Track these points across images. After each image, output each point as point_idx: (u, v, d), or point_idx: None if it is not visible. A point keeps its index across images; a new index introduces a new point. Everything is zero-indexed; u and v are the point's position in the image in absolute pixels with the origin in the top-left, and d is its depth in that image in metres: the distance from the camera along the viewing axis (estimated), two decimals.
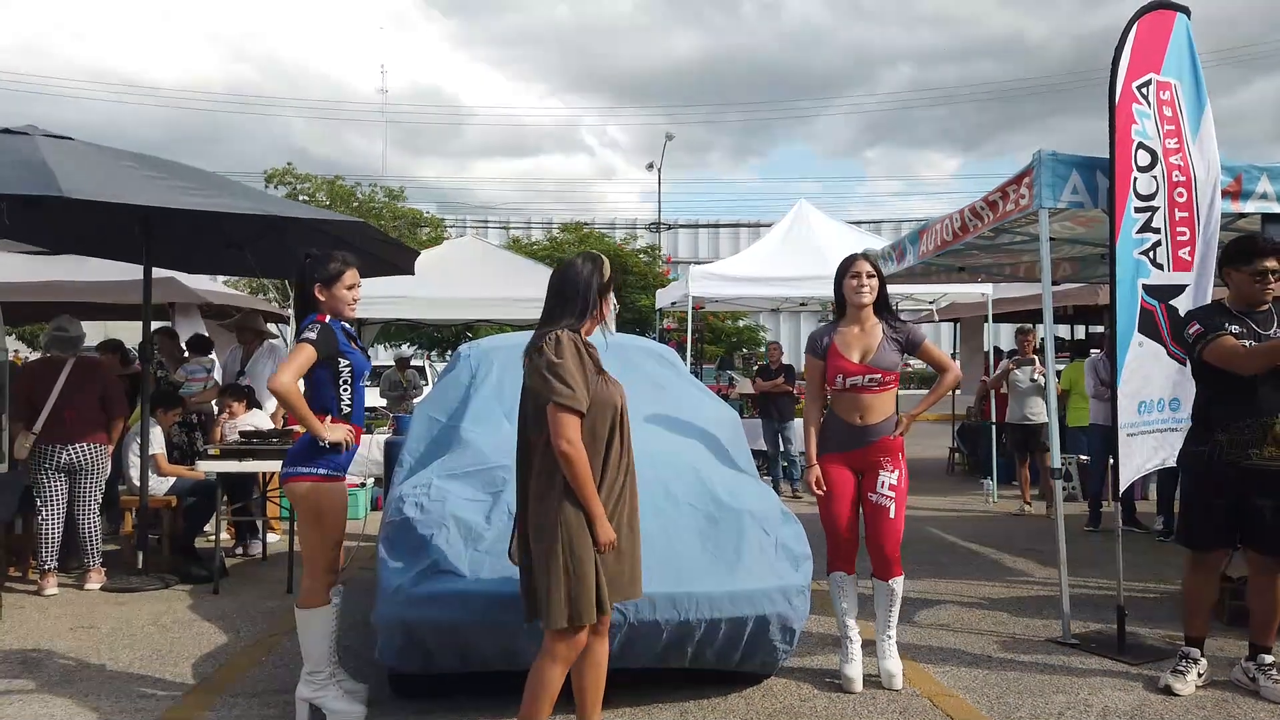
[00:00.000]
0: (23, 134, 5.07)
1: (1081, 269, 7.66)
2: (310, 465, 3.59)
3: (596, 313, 3.00)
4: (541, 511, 2.86)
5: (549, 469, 2.86)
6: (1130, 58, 4.52)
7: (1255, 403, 3.82)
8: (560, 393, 2.78)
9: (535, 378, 2.85)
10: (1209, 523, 3.97)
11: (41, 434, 5.67)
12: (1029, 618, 5.13)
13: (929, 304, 12.15)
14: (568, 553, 2.80)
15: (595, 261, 3.07)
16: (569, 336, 2.88)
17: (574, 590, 2.80)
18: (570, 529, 2.81)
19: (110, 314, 10.19)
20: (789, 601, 3.58)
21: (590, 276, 3.01)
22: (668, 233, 33.07)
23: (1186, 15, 4.71)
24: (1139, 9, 4.64)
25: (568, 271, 3.04)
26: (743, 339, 24.55)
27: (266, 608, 5.32)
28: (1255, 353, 3.80)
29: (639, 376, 4.91)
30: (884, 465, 3.98)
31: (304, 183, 24.05)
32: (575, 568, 2.80)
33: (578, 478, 2.80)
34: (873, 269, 4.08)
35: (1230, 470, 3.86)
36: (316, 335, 3.59)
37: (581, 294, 2.98)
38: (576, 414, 2.80)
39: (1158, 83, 4.59)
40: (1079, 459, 9.14)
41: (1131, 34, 4.55)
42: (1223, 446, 3.89)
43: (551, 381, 2.79)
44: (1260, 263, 3.89)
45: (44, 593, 5.57)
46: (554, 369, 2.80)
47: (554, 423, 2.79)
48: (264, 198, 6.19)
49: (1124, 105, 4.48)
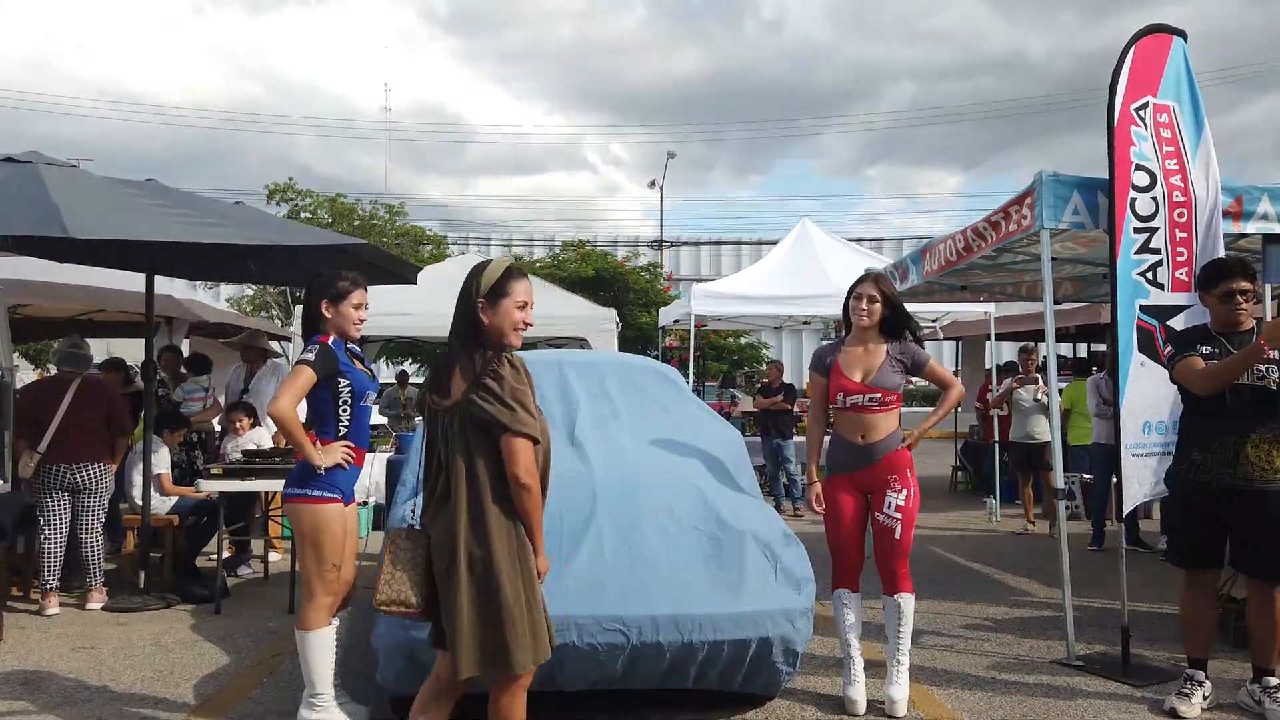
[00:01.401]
0: (26, 163, 5.12)
1: (1083, 288, 7.68)
2: (306, 487, 3.60)
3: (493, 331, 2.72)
4: (482, 544, 2.62)
5: (485, 497, 2.64)
6: (1128, 80, 4.57)
7: (1228, 422, 3.84)
8: (525, 422, 2.61)
9: (495, 405, 2.60)
10: (1192, 542, 4.00)
11: (46, 453, 5.67)
12: (1033, 638, 5.11)
13: (932, 322, 12.17)
14: (528, 588, 2.64)
15: (474, 272, 2.80)
16: (520, 360, 2.72)
17: (535, 628, 2.64)
18: (527, 561, 2.66)
19: (110, 331, 10.23)
20: (792, 623, 3.57)
21: (469, 291, 2.75)
22: (669, 250, 33.13)
23: (1183, 38, 4.76)
24: (1135, 33, 4.69)
25: (465, 281, 2.78)
26: (745, 357, 24.52)
27: (268, 628, 5.31)
28: (1206, 373, 3.85)
29: (642, 396, 4.93)
30: (892, 485, 3.97)
31: (305, 199, 24.10)
32: (532, 600, 2.65)
33: (535, 509, 2.66)
34: (878, 293, 4.09)
35: (1208, 490, 3.88)
36: (315, 356, 3.61)
37: (466, 314, 2.74)
38: (534, 441, 2.65)
39: (1154, 105, 4.63)
40: (1082, 478, 9.12)
41: (1129, 57, 4.61)
42: (1198, 466, 3.92)
43: (516, 410, 2.61)
44: (1227, 284, 3.92)
45: (45, 612, 5.56)
46: (518, 396, 2.63)
47: (513, 452, 2.60)
48: (267, 223, 6.22)
49: (1122, 127, 4.52)
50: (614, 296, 21.13)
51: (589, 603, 3.45)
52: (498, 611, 2.59)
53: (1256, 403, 3.82)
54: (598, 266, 23.14)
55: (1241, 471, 3.80)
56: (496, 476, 2.64)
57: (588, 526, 3.73)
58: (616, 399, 4.80)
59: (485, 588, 2.60)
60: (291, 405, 3.51)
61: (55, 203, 4.51)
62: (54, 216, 4.39)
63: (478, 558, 2.61)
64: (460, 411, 2.66)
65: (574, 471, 4.05)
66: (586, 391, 4.81)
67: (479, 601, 2.60)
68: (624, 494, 3.88)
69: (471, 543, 2.62)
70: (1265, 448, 3.79)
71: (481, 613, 2.60)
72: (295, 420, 3.54)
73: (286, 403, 3.49)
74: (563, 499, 3.89)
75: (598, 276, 22.52)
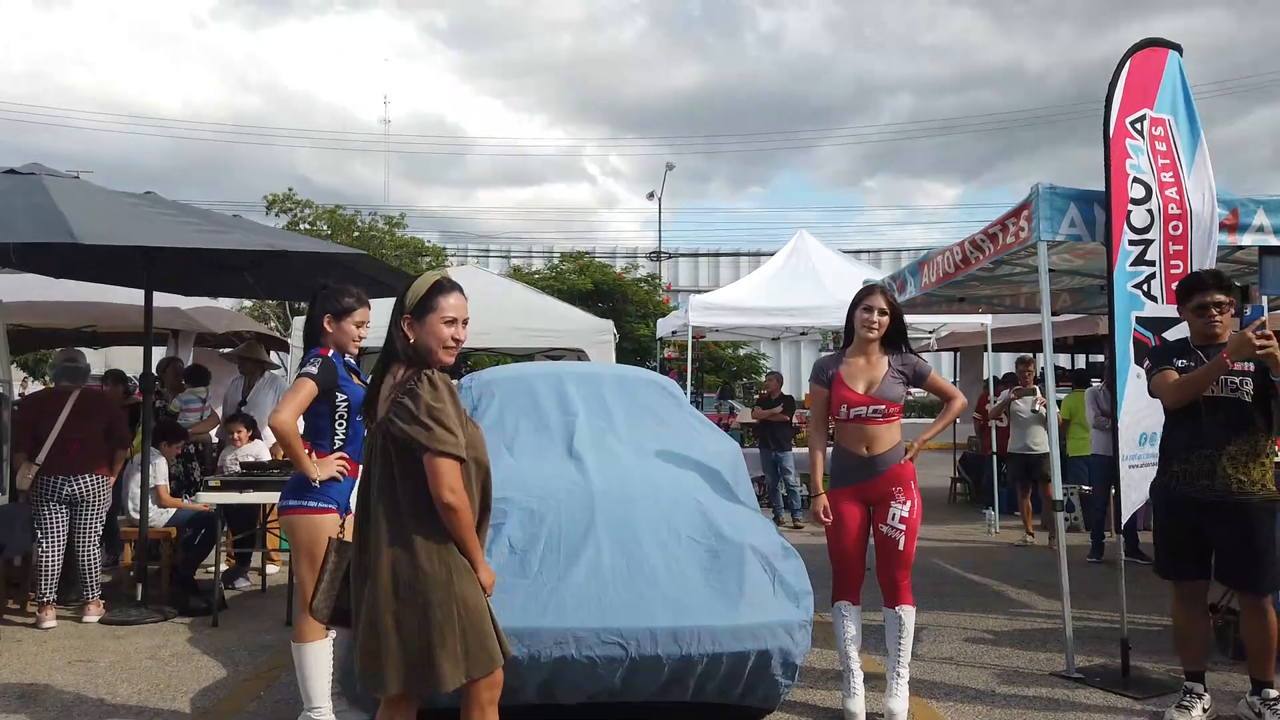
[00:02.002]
0: (29, 174, 5.18)
1: (1081, 299, 7.70)
2: (302, 498, 3.62)
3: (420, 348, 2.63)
4: (407, 563, 2.54)
5: (408, 516, 2.56)
6: (1123, 93, 4.60)
7: (1204, 435, 3.86)
8: (442, 439, 2.51)
9: (411, 425, 2.52)
10: (1173, 553, 4.01)
11: (44, 465, 5.66)
12: (1032, 651, 5.10)
13: (928, 334, 12.18)
14: (461, 605, 2.55)
15: (404, 286, 2.71)
16: (441, 377, 2.61)
17: (471, 645, 2.55)
18: (461, 579, 2.56)
19: (110, 342, 10.24)
20: (791, 636, 3.56)
21: (400, 300, 2.67)
22: (668, 262, 33.17)
23: (1179, 52, 4.78)
24: (1131, 46, 4.73)
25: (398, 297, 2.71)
26: (743, 368, 24.54)
27: (266, 641, 5.29)
28: (1174, 385, 3.88)
29: (640, 408, 4.93)
30: (896, 496, 3.97)
31: (304, 209, 24.14)
32: (470, 618, 2.56)
33: (464, 527, 2.56)
34: (886, 306, 4.11)
35: (1187, 502, 3.90)
36: (317, 370, 3.65)
37: (392, 330, 2.66)
38: (458, 460, 2.55)
39: (1151, 118, 4.66)
40: (1080, 489, 9.12)
41: (1124, 70, 4.64)
42: (1177, 478, 3.94)
43: (434, 428, 2.51)
44: (1200, 297, 3.93)
45: (42, 625, 5.54)
46: (434, 414, 2.52)
47: (434, 472, 2.51)
48: (267, 232, 6.25)
49: (1118, 140, 4.55)
50: (612, 308, 21.16)
51: (587, 615, 3.44)
52: (427, 632, 2.51)
53: (1231, 415, 3.83)
54: (596, 278, 23.18)
55: (1220, 484, 3.81)
56: (420, 495, 2.55)
57: (586, 539, 3.73)
58: (615, 411, 4.80)
59: (411, 608, 2.52)
60: (293, 418, 3.54)
61: (60, 211, 4.61)
62: (60, 224, 4.47)
63: (404, 577, 2.53)
64: (383, 430, 2.60)
65: (572, 484, 4.05)
66: (585, 404, 4.80)
67: (402, 619, 2.53)
68: (622, 506, 3.88)
69: (397, 562, 2.54)
70: (1241, 460, 3.80)
71: (405, 631, 2.52)
72: (295, 433, 3.56)
73: (287, 415, 3.52)
74: (561, 511, 3.89)
75: (596, 288, 22.56)
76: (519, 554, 3.71)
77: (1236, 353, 3.65)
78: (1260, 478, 3.81)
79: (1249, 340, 3.61)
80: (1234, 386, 3.83)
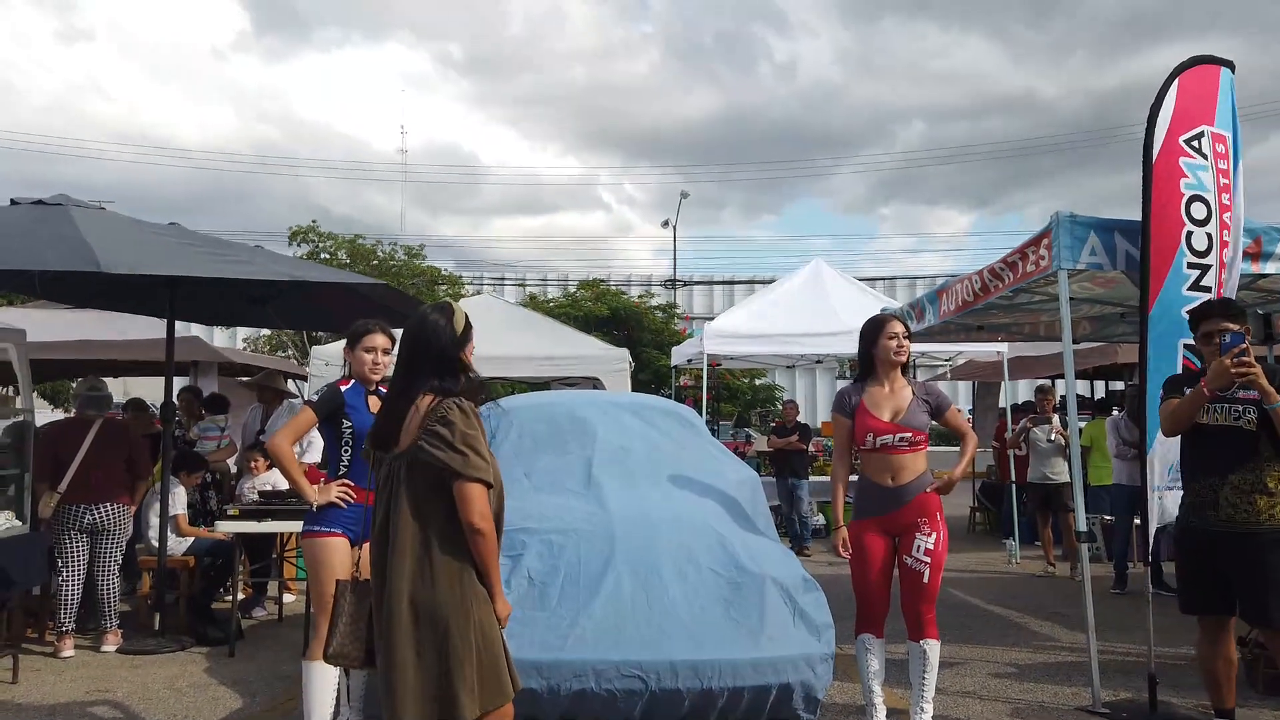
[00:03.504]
0: (57, 205, 5.27)
1: (1100, 327, 7.64)
2: (310, 523, 3.71)
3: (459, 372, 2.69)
4: (427, 592, 2.55)
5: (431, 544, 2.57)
6: (1174, 111, 4.39)
7: (1207, 464, 3.80)
8: (478, 466, 2.55)
9: (446, 451, 2.54)
10: (1191, 586, 3.93)
11: (66, 494, 5.69)
12: (1057, 685, 5.02)
13: (945, 361, 12.13)
14: (479, 635, 2.55)
15: (445, 312, 2.77)
16: (470, 405, 2.64)
17: (485, 674, 2.55)
18: (479, 609, 2.57)
19: (132, 371, 10.33)
20: (812, 669, 3.53)
21: (446, 330, 2.71)
22: (683, 289, 33.23)
23: (1231, 70, 4.60)
24: (1180, 64, 4.51)
25: (422, 327, 2.73)
26: (759, 397, 24.47)
27: (282, 671, 5.27)
28: (1166, 414, 3.85)
29: (659, 437, 4.92)
30: (921, 528, 3.93)
31: (326, 240, 24.38)
32: (487, 648, 2.56)
33: (490, 554, 2.58)
34: (908, 331, 4.11)
35: (1197, 533, 3.83)
36: (319, 398, 3.78)
37: (443, 353, 2.69)
38: (488, 487, 2.59)
39: (1212, 134, 4.44)
40: (1102, 519, 9.01)
41: (1173, 88, 4.42)
42: (1189, 509, 3.89)
43: (469, 455, 2.54)
44: (1206, 326, 3.87)
45: (60, 655, 5.54)
46: (469, 441, 2.55)
47: (467, 498, 2.53)
48: (288, 263, 6.33)
49: (1168, 160, 4.34)
50: (628, 335, 21.18)
51: (607, 648, 3.42)
52: (446, 660, 2.51)
53: (1234, 445, 3.75)
54: (613, 305, 23.23)
55: (1224, 514, 3.73)
56: (444, 523, 2.57)
57: (606, 570, 3.71)
58: (634, 440, 4.80)
59: (431, 636, 2.53)
60: (287, 442, 3.69)
61: (86, 240, 4.70)
62: (87, 253, 4.56)
63: (424, 606, 2.54)
64: (409, 457, 2.61)
65: (591, 515, 4.04)
66: (604, 433, 4.80)
67: (422, 650, 2.53)
68: (642, 537, 3.87)
69: (417, 591, 2.55)
70: (1245, 490, 3.72)
71: (425, 661, 2.52)
72: (290, 456, 3.69)
73: (281, 440, 3.67)
74: (580, 542, 3.88)
75: (613, 314, 22.61)
76: (538, 585, 3.70)
77: (1214, 381, 3.61)
78: (1267, 508, 3.69)
79: (1225, 368, 3.57)
80: (1236, 415, 3.75)
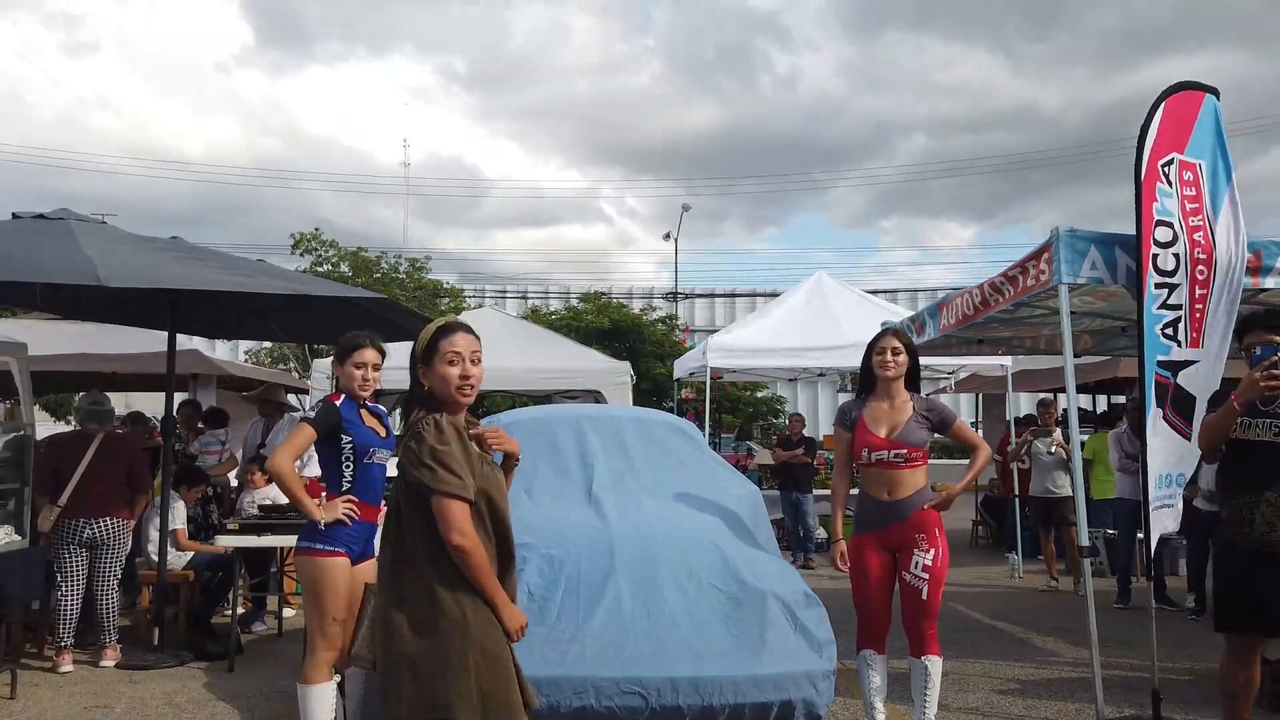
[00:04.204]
0: (58, 218, 5.27)
1: (1101, 341, 7.63)
2: (311, 540, 3.65)
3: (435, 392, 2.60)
4: (428, 608, 2.51)
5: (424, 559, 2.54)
6: (1156, 136, 4.48)
7: (1245, 480, 3.70)
8: (446, 481, 2.49)
9: (419, 468, 2.51)
10: (1225, 604, 3.85)
11: (66, 508, 5.67)
12: (1061, 701, 4.99)
13: (947, 375, 12.11)
14: (476, 651, 2.49)
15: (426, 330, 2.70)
16: (450, 420, 2.58)
17: (488, 693, 2.49)
18: (479, 625, 2.51)
19: (132, 385, 10.33)
20: (814, 686, 3.51)
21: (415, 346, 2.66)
22: (684, 302, 33.26)
23: (1215, 96, 4.66)
24: (1165, 89, 4.58)
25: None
26: (760, 410, 24.43)
27: (281, 687, 5.25)
28: (1201, 429, 3.82)
29: (659, 452, 4.91)
30: (919, 544, 3.91)
31: (328, 249, 24.38)
32: (489, 665, 2.50)
33: (477, 570, 2.51)
34: (901, 344, 4.09)
35: (1234, 550, 3.75)
36: (316, 415, 3.73)
37: (413, 369, 2.65)
38: (465, 502, 2.52)
39: (1180, 162, 4.56)
40: (1104, 532, 8.97)
41: (1158, 113, 4.52)
42: (1227, 525, 3.82)
43: (437, 470, 2.49)
44: (1248, 338, 3.79)
45: (59, 670, 5.52)
46: (438, 456, 2.50)
47: (441, 514, 2.48)
48: (290, 277, 6.33)
49: (1149, 182, 4.45)
50: (629, 348, 21.18)
51: (607, 664, 3.41)
52: (443, 675, 2.47)
53: (1271, 461, 3.64)
54: (614, 318, 23.24)
55: (1258, 532, 3.64)
56: (434, 537, 2.53)
57: (606, 585, 3.70)
58: (634, 454, 4.79)
59: (427, 648, 2.49)
60: (288, 461, 3.63)
61: (87, 254, 4.71)
62: (87, 267, 4.56)
63: (421, 620, 2.51)
64: (399, 474, 2.62)
65: (591, 529, 4.03)
66: (604, 447, 4.80)
67: (418, 661, 2.49)
68: (642, 552, 3.86)
69: (414, 605, 2.52)
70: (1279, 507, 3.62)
71: (421, 672, 2.48)
72: (293, 475, 3.64)
73: (282, 459, 3.61)
74: (580, 557, 3.86)
75: (615, 327, 22.61)
76: (538, 601, 3.68)
77: (1243, 394, 3.54)
78: None
79: (1253, 381, 3.51)
80: (1277, 430, 3.64)
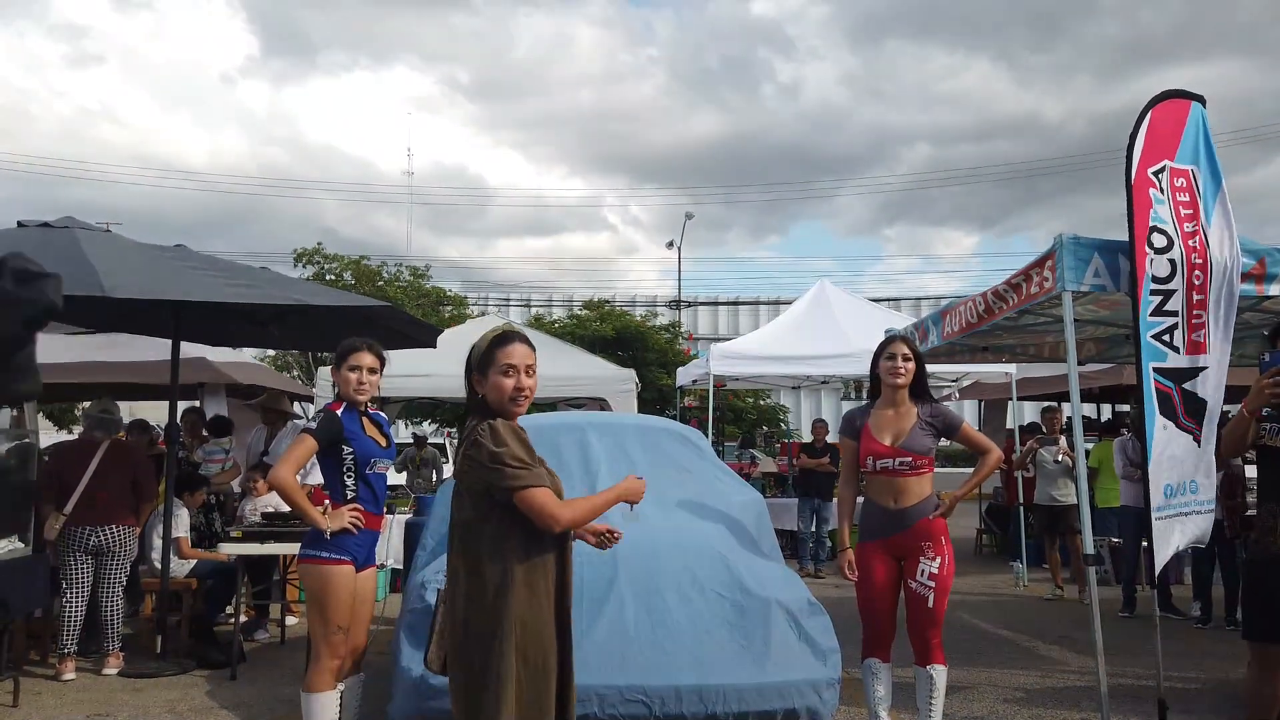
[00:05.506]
0: (63, 228, 5.29)
1: (1106, 349, 7.62)
2: (315, 548, 3.63)
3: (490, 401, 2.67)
4: (481, 609, 2.55)
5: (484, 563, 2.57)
6: (1144, 144, 4.56)
7: (1273, 489, 3.68)
8: (520, 476, 2.53)
9: (486, 473, 2.55)
10: (1253, 613, 3.80)
11: (71, 516, 5.67)
12: (1066, 710, 4.97)
13: (952, 382, 12.10)
14: (519, 658, 2.51)
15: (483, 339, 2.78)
16: (502, 423, 2.64)
17: (526, 702, 2.51)
18: (530, 636, 2.53)
19: (137, 394, 10.34)
20: (818, 695, 3.51)
21: (471, 356, 2.75)
22: (688, 310, 33.28)
23: (1201, 104, 4.75)
24: (1152, 99, 4.68)
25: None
26: (764, 418, 24.40)
27: (284, 695, 5.24)
28: (1224, 433, 3.78)
29: (664, 459, 4.91)
30: (925, 551, 3.89)
31: (331, 262, 24.48)
32: (529, 673, 2.52)
33: (588, 517, 2.66)
34: (910, 352, 4.09)
35: (1262, 560, 3.71)
36: (317, 425, 3.69)
37: (468, 377, 2.74)
38: (543, 488, 2.56)
39: (1172, 169, 4.62)
40: (1110, 541, 8.94)
41: (1145, 122, 4.61)
42: (1259, 533, 3.78)
43: (505, 468, 2.53)
44: (1278, 343, 3.79)
45: (62, 677, 5.51)
46: (498, 458, 2.53)
47: (530, 507, 2.52)
48: (293, 285, 6.34)
49: (1140, 189, 4.52)
50: (633, 356, 21.18)
51: (610, 673, 3.40)
52: (486, 675, 2.50)
53: None
54: (618, 326, 23.26)
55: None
56: (490, 546, 2.57)
57: (609, 593, 3.69)
58: (638, 462, 4.78)
59: (477, 649, 2.54)
60: (291, 473, 3.57)
61: (92, 264, 4.69)
62: (91, 277, 4.55)
63: (474, 620, 2.56)
64: (457, 481, 2.67)
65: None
66: (608, 454, 4.79)
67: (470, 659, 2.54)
68: (646, 560, 3.85)
69: (470, 605, 2.57)
70: None
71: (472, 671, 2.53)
72: (296, 487, 3.60)
73: (285, 471, 3.56)
74: (583, 564, 3.85)
75: (618, 335, 22.63)
76: None
77: (1251, 401, 3.53)
78: None
79: (1261, 387, 3.50)
80: None
